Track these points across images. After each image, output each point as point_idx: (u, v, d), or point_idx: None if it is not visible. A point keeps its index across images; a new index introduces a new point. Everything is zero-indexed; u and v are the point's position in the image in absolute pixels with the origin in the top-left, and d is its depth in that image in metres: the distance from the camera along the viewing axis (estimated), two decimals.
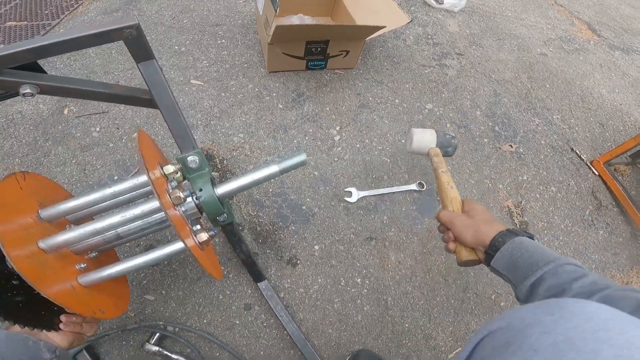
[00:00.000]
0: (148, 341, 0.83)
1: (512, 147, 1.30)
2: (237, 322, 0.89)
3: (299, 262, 0.97)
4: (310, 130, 1.18)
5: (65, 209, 0.59)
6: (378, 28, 1.12)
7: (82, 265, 0.59)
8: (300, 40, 1.17)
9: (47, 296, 0.47)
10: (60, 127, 1.09)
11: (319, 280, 0.96)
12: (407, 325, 0.93)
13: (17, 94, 0.53)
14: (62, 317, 0.59)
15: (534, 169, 1.26)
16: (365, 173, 1.12)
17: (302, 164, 0.60)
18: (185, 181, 0.62)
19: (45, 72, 0.55)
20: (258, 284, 0.90)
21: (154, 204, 0.58)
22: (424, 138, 0.89)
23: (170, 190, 0.56)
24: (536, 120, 1.40)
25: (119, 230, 0.59)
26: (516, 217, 1.14)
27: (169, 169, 0.58)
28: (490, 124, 1.34)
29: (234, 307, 0.90)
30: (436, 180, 0.78)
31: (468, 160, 1.22)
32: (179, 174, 0.60)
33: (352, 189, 1.07)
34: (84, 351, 0.80)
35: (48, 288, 0.48)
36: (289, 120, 1.19)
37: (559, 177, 1.25)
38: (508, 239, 0.56)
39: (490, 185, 1.18)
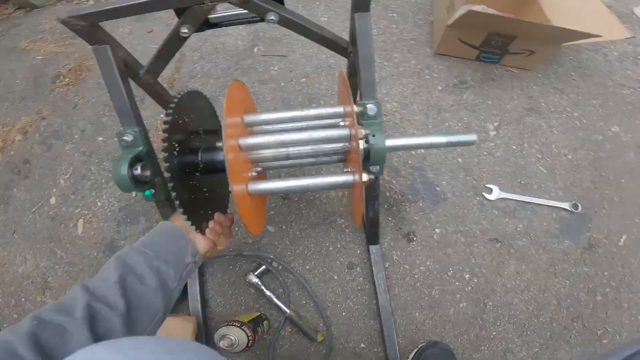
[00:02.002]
0: (252, 271, 0.93)
1: None
2: (335, 277, 0.96)
3: (415, 239, 0.98)
4: (465, 119, 1.16)
5: (261, 119, 0.67)
6: (589, 35, 1.02)
7: (254, 174, 0.64)
8: (483, 29, 1.14)
9: (233, 191, 0.52)
10: (249, 61, 1.32)
11: (428, 263, 0.96)
12: (494, 333, 0.90)
13: (262, 20, 0.65)
14: (211, 223, 0.64)
15: None
16: (514, 176, 1.07)
17: (470, 143, 0.61)
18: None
19: (284, 5, 0.67)
20: (370, 246, 0.94)
21: (340, 132, 0.63)
22: None
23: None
24: None
25: (290, 150, 0.65)
26: None
27: (354, 108, 0.63)
28: None
29: (337, 262, 0.97)
30: None
31: None
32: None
33: (494, 187, 1.03)
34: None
35: (235, 180, 0.53)
36: (445, 103, 1.19)
37: None
38: None
39: None
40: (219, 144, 0.64)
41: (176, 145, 0.57)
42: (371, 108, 0.62)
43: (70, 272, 1.00)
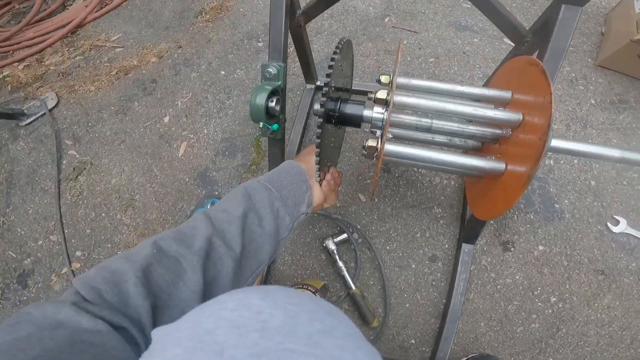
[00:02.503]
0: (332, 237, 0.90)
1: None
2: (413, 265, 0.91)
3: (512, 249, 0.91)
4: (614, 141, 1.00)
5: (414, 85, 0.64)
6: None
7: (390, 136, 0.63)
8: None
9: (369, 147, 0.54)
10: (377, 29, 1.27)
11: (517, 276, 0.89)
12: (551, 358, 0.83)
13: None
14: (328, 175, 0.62)
15: None
16: None
17: None
18: None
19: None
20: (463, 244, 0.87)
21: (509, 115, 0.57)
22: None
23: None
24: None
25: (434, 122, 0.62)
26: None
27: (551, 99, 0.57)
28: None
29: (421, 251, 0.92)
30: None
31: None
32: None
33: (623, 220, 0.92)
34: None
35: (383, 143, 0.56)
36: (594, 119, 1.03)
37: None
38: None
39: None
40: (378, 94, 0.60)
41: (332, 89, 0.56)
42: None
43: (158, 193, 1.08)
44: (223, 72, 1.25)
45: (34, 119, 1.27)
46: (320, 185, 0.61)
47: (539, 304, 0.87)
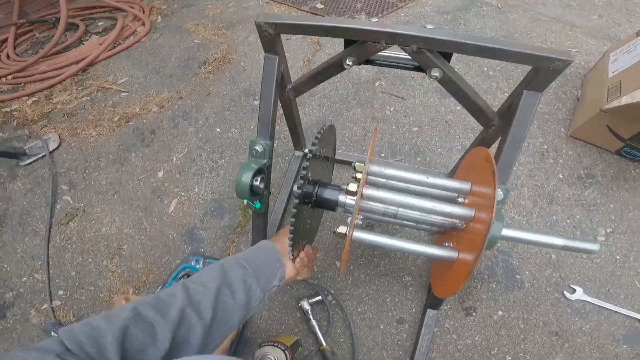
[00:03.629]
0: (307, 298, 0.97)
1: None
2: (382, 326, 0.96)
3: (473, 314, 0.96)
4: (577, 217, 1.06)
5: (385, 173, 0.69)
6: None
7: (360, 223, 0.68)
8: None
9: (348, 235, 0.59)
10: (367, 94, 1.37)
11: (476, 338, 0.93)
12: None
13: (420, 70, 0.66)
14: (302, 253, 0.67)
15: None
16: (603, 283, 0.98)
17: (590, 252, 0.58)
18: None
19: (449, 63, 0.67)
20: (428, 309, 0.93)
21: (464, 211, 0.62)
22: None
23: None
24: None
25: (399, 210, 0.67)
26: None
27: (496, 192, 0.62)
28: None
29: (389, 314, 0.97)
30: None
31: None
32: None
33: (579, 289, 0.98)
34: None
35: (351, 228, 0.60)
36: (560, 195, 1.10)
37: None
38: None
39: None
40: (345, 186, 0.67)
41: (309, 175, 0.62)
42: (499, 194, 0.61)
43: (145, 245, 1.12)
44: (218, 130, 1.33)
45: (34, 159, 1.33)
46: (294, 262, 0.67)
47: None
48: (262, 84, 0.74)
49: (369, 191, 0.67)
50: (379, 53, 0.69)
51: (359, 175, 0.68)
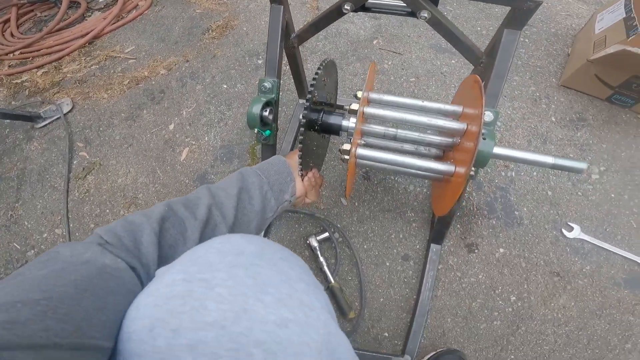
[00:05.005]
0: (315, 235, 1.01)
1: None
2: (388, 263, 1.01)
3: (476, 251, 1.00)
4: (571, 155, 1.12)
5: (384, 99, 0.75)
6: None
7: (362, 142, 0.76)
8: (629, 71, 1.08)
9: (351, 152, 0.65)
10: (366, 50, 1.41)
11: (480, 276, 0.98)
12: (512, 357, 0.90)
13: (413, 15, 0.72)
14: (310, 173, 0.71)
15: None
16: (600, 221, 1.02)
17: (578, 171, 0.62)
18: None
19: (437, 7, 0.73)
20: (432, 244, 0.98)
21: (456, 125, 0.69)
22: None
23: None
24: None
25: (399, 132, 0.74)
26: None
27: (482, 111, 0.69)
28: None
29: (394, 251, 1.02)
30: None
31: None
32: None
33: (576, 226, 1.01)
34: None
35: (352, 145, 0.66)
36: (553, 135, 1.15)
37: None
38: None
39: None
40: (351, 106, 0.70)
41: (315, 99, 0.68)
42: (489, 115, 0.66)
43: (159, 193, 1.18)
44: (225, 86, 1.38)
45: (49, 121, 1.39)
46: (303, 180, 0.72)
47: (500, 302, 0.95)
48: (269, 31, 0.80)
49: (369, 110, 0.73)
50: (375, 1, 0.75)
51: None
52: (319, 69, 0.69)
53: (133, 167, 1.24)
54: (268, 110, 0.76)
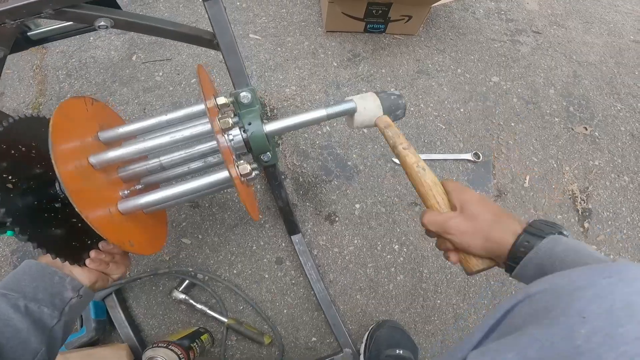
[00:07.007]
0: (177, 288, 0.89)
1: (586, 129, 1.21)
2: (266, 275, 0.93)
3: (337, 219, 0.99)
4: (364, 89, 1.19)
5: (121, 133, 0.62)
6: None
7: (126, 192, 0.60)
8: (362, 0, 1.18)
9: (80, 212, 0.46)
10: (127, 71, 1.20)
11: (355, 241, 0.98)
12: (439, 301, 0.93)
13: (93, 29, 0.59)
14: (92, 253, 0.58)
15: (608, 154, 1.17)
16: (417, 136, 1.13)
17: (351, 111, 0.61)
18: (236, 118, 0.63)
19: (120, 8, 0.62)
20: (292, 237, 0.92)
21: (204, 128, 0.60)
22: (367, 107, 0.63)
23: (220, 116, 0.58)
24: (618, 106, 1.30)
25: (162, 159, 0.61)
26: (580, 203, 1.08)
27: (221, 100, 0.61)
28: (564, 103, 1.26)
29: (265, 260, 0.95)
30: (399, 160, 0.59)
31: (533, 137, 1.17)
32: (230, 106, 0.62)
33: None
34: (113, 295, 0.85)
35: (85, 206, 0.48)
36: (342, 78, 1.21)
37: (635, 167, 1.15)
38: (534, 243, 0.44)
39: (555, 165, 1.13)
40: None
41: (11, 178, 0.49)
42: (244, 96, 0.60)
43: None
44: None
45: None
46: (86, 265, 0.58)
47: (388, 256, 0.96)
48: None
49: (101, 157, 0.57)
50: (40, 30, 0.66)
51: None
52: None
53: None
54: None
